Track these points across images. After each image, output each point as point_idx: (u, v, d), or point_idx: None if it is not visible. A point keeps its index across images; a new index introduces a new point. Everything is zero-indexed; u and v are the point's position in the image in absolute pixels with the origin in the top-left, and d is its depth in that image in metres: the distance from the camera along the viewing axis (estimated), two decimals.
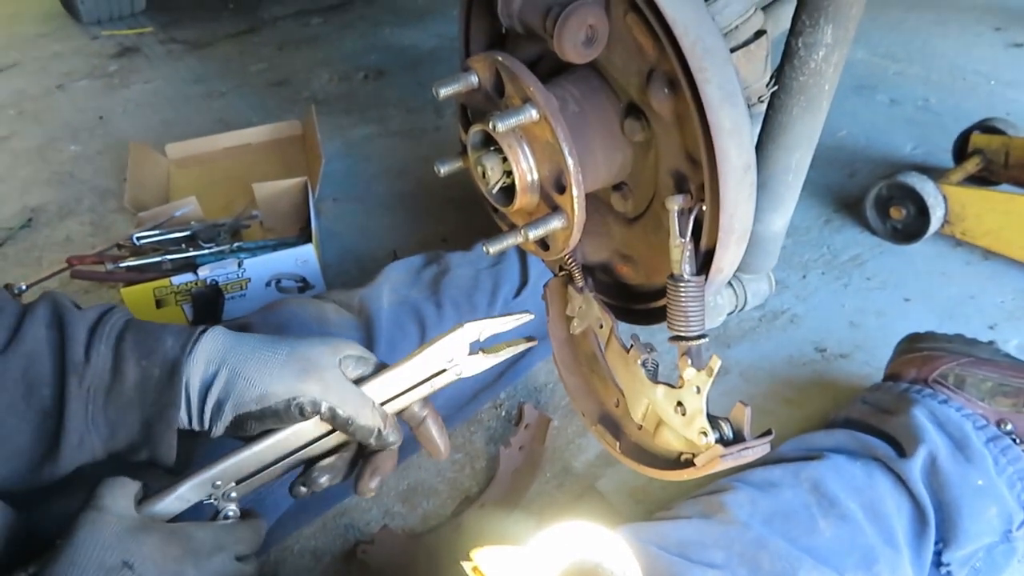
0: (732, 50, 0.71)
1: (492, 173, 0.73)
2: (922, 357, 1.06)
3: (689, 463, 0.70)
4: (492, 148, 0.73)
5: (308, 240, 1.48)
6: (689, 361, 0.68)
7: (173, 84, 2.59)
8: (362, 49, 2.70)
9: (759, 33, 0.72)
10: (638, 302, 0.82)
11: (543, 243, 0.77)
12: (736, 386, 1.25)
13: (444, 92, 0.72)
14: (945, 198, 1.42)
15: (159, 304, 1.40)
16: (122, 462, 0.78)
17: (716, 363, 0.65)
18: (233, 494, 0.77)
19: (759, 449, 0.66)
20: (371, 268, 1.59)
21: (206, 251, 1.47)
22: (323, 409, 0.77)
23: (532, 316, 0.87)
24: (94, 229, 1.83)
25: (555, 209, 0.71)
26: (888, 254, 1.49)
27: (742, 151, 0.62)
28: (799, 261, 1.49)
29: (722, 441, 0.67)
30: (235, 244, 1.50)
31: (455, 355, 0.83)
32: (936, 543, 0.89)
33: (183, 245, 1.48)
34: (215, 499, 0.76)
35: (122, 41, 2.99)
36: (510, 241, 0.74)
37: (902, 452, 0.92)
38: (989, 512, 0.89)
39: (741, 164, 0.62)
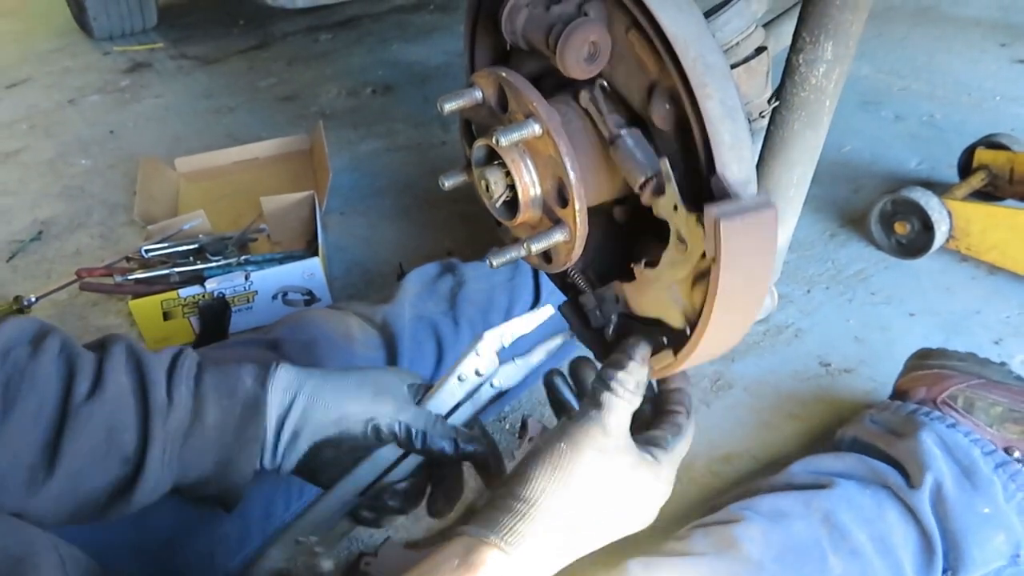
0: (733, 66, 0.72)
1: (495, 187, 0.73)
2: (933, 375, 1.05)
3: None
4: (496, 162, 0.74)
5: (315, 253, 1.49)
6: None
7: (183, 99, 2.62)
8: (370, 65, 2.72)
9: (760, 49, 0.72)
10: None
11: (546, 256, 0.77)
12: (740, 400, 1.25)
13: (449, 107, 0.73)
14: (950, 213, 1.43)
15: (167, 316, 1.41)
16: (183, 495, 0.79)
17: None
18: (318, 549, 0.77)
19: None
20: (377, 282, 1.61)
21: (214, 264, 1.48)
22: (399, 429, 0.78)
23: (552, 310, 0.86)
24: (104, 242, 1.85)
25: (557, 223, 0.72)
26: (893, 269, 1.49)
27: (742, 166, 0.63)
28: (803, 276, 1.49)
29: None
30: (242, 257, 1.51)
31: (485, 368, 0.82)
32: (944, 571, 0.88)
33: (191, 258, 1.49)
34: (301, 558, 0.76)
35: (133, 57, 3.03)
36: (513, 254, 0.75)
37: (908, 475, 0.92)
38: (996, 539, 0.88)
39: (742, 179, 0.63)
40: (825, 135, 0.78)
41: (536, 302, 1.21)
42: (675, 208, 0.60)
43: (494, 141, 0.67)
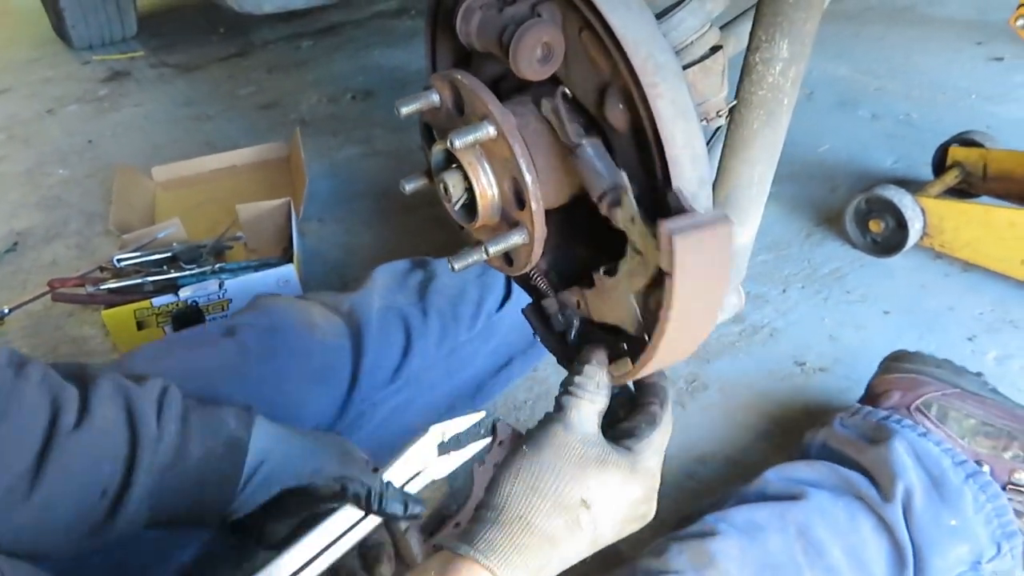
0: (687, 66, 0.72)
1: (454, 190, 0.73)
2: (908, 379, 1.05)
3: None
4: (454, 166, 0.73)
5: (290, 260, 1.49)
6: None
7: (163, 107, 2.61)
8: (351, 71, 2.72)
9: (715, 48, 0.72)
10: None
11: (507, 258, 0.77)
12: (715, 401, 1.25)
13: (405, 110, 0.72)
14: (923, 211, 1.43)
15: (140, 326, 1.40)
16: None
17: None
18: None
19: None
20: (354, 288, 1.60)
21: (188, 273, 1.47)
22: (362, 489, 0.80)
23: (483, 414, 0.94)
24: (80, 252, 1.83)
25: (516, 225, 0.71)
26: (868, 267, 1.49)
27: (696, 165, 0.63)
28: (779, 276, 1.50)
29: None
30: (217, 265, 1.50)
31: (426, 458, 0.88)
32: None
33: (164, 267, 1.48)
34: None
35: (113, 66, 3.02)
36: (474, 257, 0.74)
37: (881, 487, 0.91)
38: (960, 550, 0.88)
39: (696, 178, 0.63)
40: (785, 133, 0.78)
41: (507, 297, 1.21)
42: (632, 220, 0.60)
43: (448, 143, 0.67)
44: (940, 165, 1.62)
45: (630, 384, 0.78)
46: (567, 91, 0.69)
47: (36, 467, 0.70)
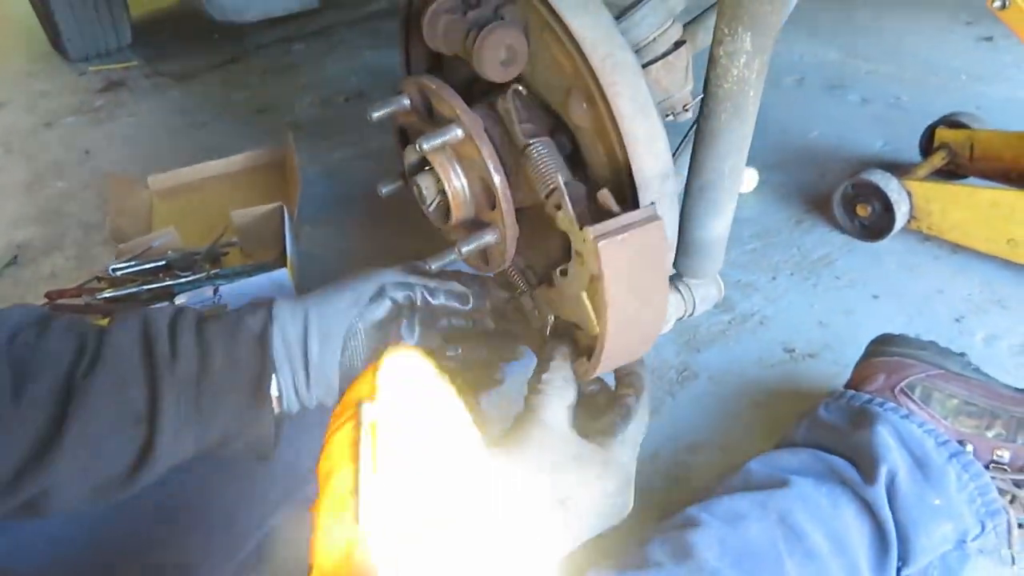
0: (651, 62, 0.73)
1: (427, 192, 0.75)
2: (893, 362, 1.06)
3: None
4: (427, 168, 0.75)
5: (284, 264, 1.50)
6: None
7: (158, 116, 2.63)
8: (343, 73, 2.73)
9: (678, 44, 0.73)
10: None
11: (483, 257, 0.78)
12: (706, 390, 1.26)
13: (377, 115, 0.74)
14: (909, 194, 1.44)
15: None
16: (215, 459, 0.77)
17: None
18: None
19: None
20: None
21: (184, 279, 1.49)
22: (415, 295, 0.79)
23: None
24: (79, 263, 1.85)
25: (488, 225, 0.73)
26: (857, 252, 1.50)
27: (658, 160, 0.64)
28: (769, 263, 1.50)
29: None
30: (212, 271, 1.52)
31: None
32: (897, 561, 0.89)
33: (160, 275, 1.50)
34: None
35: (108, 76, 3.03)
36: (450, 257, 0.76)
37: (865, 471, 0.92)
38: (944, 528, 0.89)
39: (658, 173, 0.64)
40: (753, 124, 0.79)
41: None
42: (570, 223, 0.61)
43: (417, 147, 0.69)
44: (928, 147, 1.63)
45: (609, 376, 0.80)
46: (520, 89, 0.70)
47: (63, 409, 0.69)
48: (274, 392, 0.75)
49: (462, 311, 0.79)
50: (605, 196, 0.61)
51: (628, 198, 0.65)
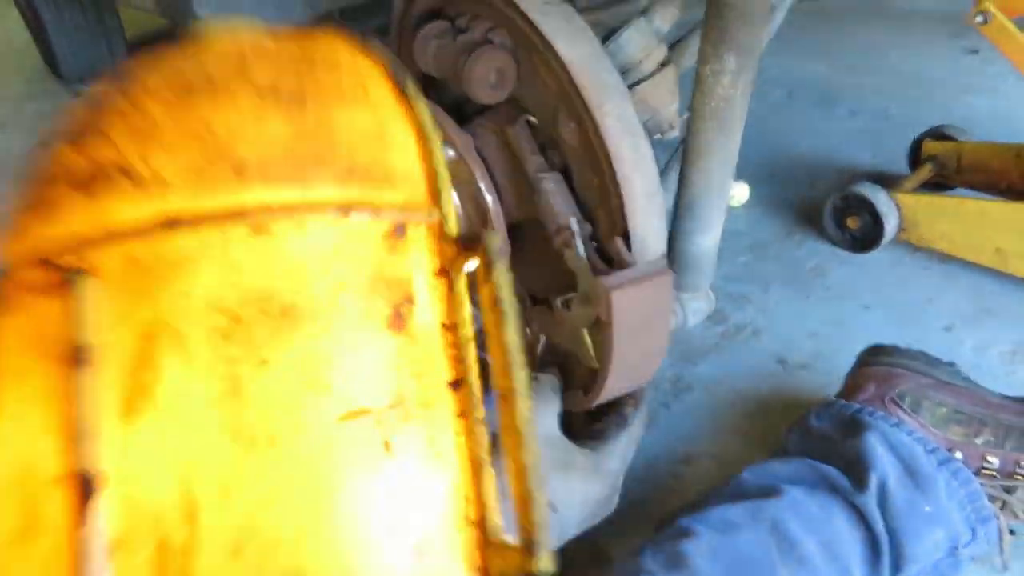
0: (637, 82, 0.75)
1: None
2: (883, 372, 1.07)
3: None
4: None
5: None
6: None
7: None
8: None
9: (664, 64, 0.75)
10: None
11: None
12: (699, 401, 1.27)
13: None
14: (898, 206, 1.46)
15: None
16: None
17: None
18: None
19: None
20: None
21: None
22: None
23: None
24: None
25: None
26: (848, 264, 1.52)
27: (645, 179, 0.66)
28: (761, 275, 1.52)
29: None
30: None
31: None
32: (889, 569, 0.90)
33: None
34: None
35: None
36: None
37: (855, 479, 0.93)
38: (936, 535, 0.90)
39: (645, 190, 0.65)
40: (739, 141, 0.80)
41: None
42: (579, 264, 0.63)
43: None
44: (916, 159, 1.65)
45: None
46: (531, 119, 0.72)
47: None
48: None
49: None
50: (619, 246, 0.63)
51: (619, 220, 0.66)
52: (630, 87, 0.74)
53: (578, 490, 0.69)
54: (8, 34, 3.95)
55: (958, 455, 0.96)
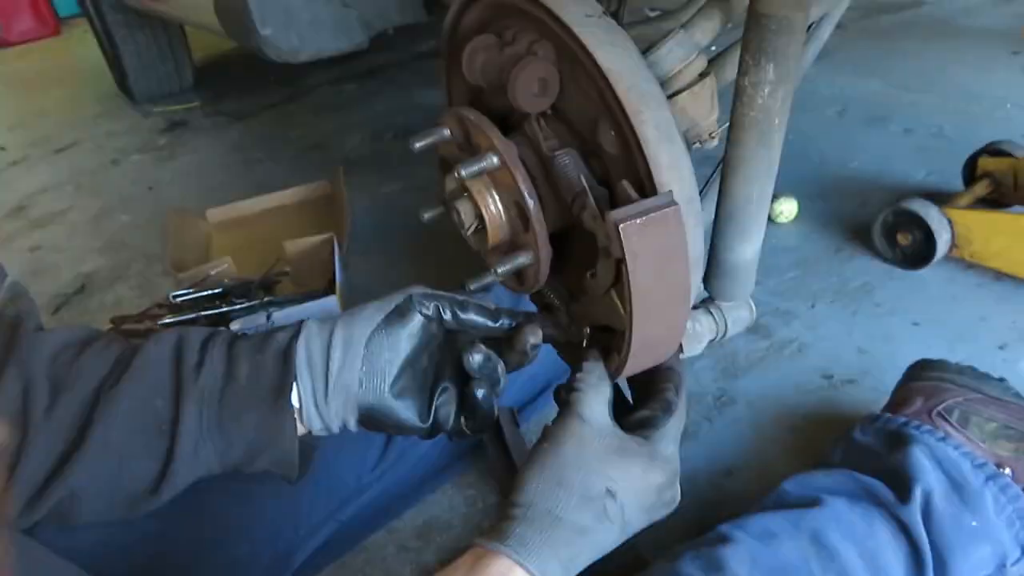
0: (676, 92, 0.77)
1: (466, 217, 0.79)
2: (931, 386, 1.06)
3: None
4: (465, 194, 0.79)
5: (333, 292, 1.56)
6: None
7: (217, 154, 2.76)
8: (392, 111, 2.83)
9: (703, 75, 0.77)
10: None
11: (519, 278, 0.82)
12: (743, 415, 1.27)
13: (419, 145, 0.79)
14: (951, 222, 1.44)
15: None
16: (239, 478, 0.76)
17: None
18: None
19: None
20: None
21: (238, 306, 1.56)
22: (434, 301, 0.79)
23: None
24: (141, 292, 1.95)
25: (523, 247, 0.77)
26: (898, 280, 1.50)
27: (683, 184, 0.67)
28: (808, 291, 1.51)
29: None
30: (266, 299, 1.59)
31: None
32: None
33: (217, 302, 1.58)
34: None
35: (171, 117, 3.19)
36: (488, 279, 0.80)
37: (900, 491, 0.93)
38: (982, 551, 0.88)
39: (683, 197, 0.67)
40: (779, 151, 0.82)
41: None
42: (594, 219, 0.65)
43: (456, 174, 0.73)
44: (970, 176, 1.62)
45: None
46: (546, 111, 0.75)
47: (89, 414, 0.70)
48: (295, 403, 0.74)
49: (491, 328, 0.80)
50: (625, 187, 0.64)
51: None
52: (669, 97, 0.76)
53: (638, 476, 0.70)
54: (84, 60, 4.15)
55: (1007, 471, 0.94)
